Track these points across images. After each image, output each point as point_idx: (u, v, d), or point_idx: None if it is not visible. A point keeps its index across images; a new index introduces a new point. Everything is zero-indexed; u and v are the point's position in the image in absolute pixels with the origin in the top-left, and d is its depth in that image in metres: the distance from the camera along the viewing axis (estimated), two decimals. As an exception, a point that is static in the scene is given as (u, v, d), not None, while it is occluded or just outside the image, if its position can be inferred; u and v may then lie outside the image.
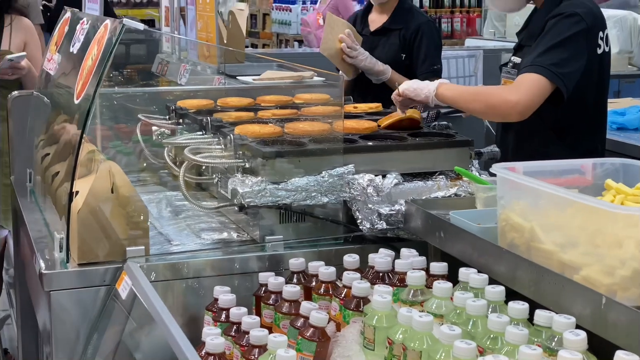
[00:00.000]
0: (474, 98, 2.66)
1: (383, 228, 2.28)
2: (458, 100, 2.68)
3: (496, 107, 2.60)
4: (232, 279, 2.21)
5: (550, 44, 2.60)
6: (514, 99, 2.54)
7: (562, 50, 2.59)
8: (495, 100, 2.60)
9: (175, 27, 4.62)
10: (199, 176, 2.65)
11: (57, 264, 2.16)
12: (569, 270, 1.67)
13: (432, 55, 3.69)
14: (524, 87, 2.55)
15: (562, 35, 2.60)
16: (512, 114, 2.57)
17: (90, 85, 2.15)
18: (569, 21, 2.62)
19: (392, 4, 3.74)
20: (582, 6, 2.68)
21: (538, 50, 2.61)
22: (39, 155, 2.84)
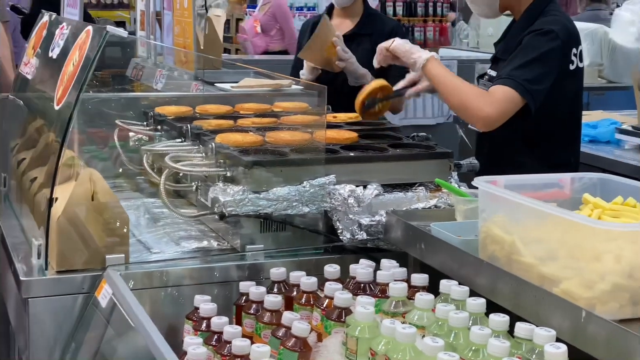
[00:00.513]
0: (453, 89, 2.70)
1: (363, 238, 2.29)
2: (441, 82, 2.72)
3: (469, 110, 2.66)
4: (212, 287, 2.21)
5: (526, 59, 2.66)
6: (486, 111, 2.61)
7: (536, 67, 2.65)
8: (470, 104, 2.65)
9: (151, 32, 4.60)
10: (177, 183, 2.65)
11: (35, 270, 2.14)
12: (549, 283, 1.70)
13: None
14: (497, 100, 2.61)
15: (538, 51, 2.67)
16: (478, 123, 2.67)
17: (72, 92, 2.14)
18: (545, 38, 2.69)
19: (358, 9, 3.74)
20: (558, 23, 2.75)
21: (514, 64, 2.67)
22: (14, 160, 2.81)
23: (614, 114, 4.83)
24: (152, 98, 3.47)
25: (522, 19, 2.84)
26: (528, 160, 2.80)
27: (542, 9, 2.82)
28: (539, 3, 2.84)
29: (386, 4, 10.74)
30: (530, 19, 2.80)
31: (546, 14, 2.80)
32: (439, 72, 2.72)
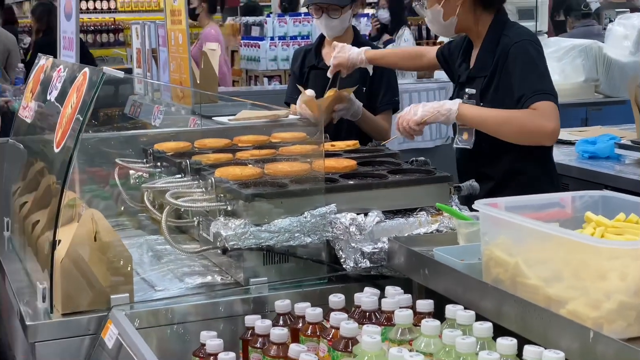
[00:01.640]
0: (505, 121, 2.76)
1: (367, 266, 2.29)
2: (486, 121, 2.78)
3: (533, 132, 2.73)
4: (217, 322, 2.20)
5: (537, 72, 2.79)
6: (551, 126, 2.70)
7: (545, 75, 2.81)
8: (532, 126, 2.72)
9: (148, 69, 4.63)
10: (179, 219, 2.65)
11: (41, 314, 2.14)
12: (555, 304, 1.69)
13: (392, 87, 3.74)
14: (552, 115, 2.72)
15: (537, 61, 2.82)
16: (547, 139, 2.77)
17: (71, 134, 2.15)
18: (532, 47, 2.83)
19: (347, 39, 3.77)
20: (526, 33, 2.92)
21: (532, 79, 2.77)
22: (16, 204, 2.82)
23: (612, 129, 4.84)
24: (151, 135, 3.48)
25: (488, 38, 2.94)
26: (527, 167, 2.90)
27: (503, 26, 2.94)
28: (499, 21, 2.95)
29: None
30: (495, 36, 2.91)
31: (510, 29, 2.92)
32: (477, 114, 2.80)
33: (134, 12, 13.19)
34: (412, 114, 2.79)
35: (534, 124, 2.72)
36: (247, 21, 10.20)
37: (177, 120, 4.08)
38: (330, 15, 3.68)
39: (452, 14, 2.92)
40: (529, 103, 2.73)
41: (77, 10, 2.49)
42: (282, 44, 9.83)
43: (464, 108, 2.78)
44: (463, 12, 2.92)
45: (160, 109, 4.23)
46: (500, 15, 2.97)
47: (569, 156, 4.31)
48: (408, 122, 2.79)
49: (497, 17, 2.96)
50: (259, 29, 9.96)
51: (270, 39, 9.52)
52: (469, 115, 2.78)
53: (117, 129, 4.22)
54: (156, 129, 3.82)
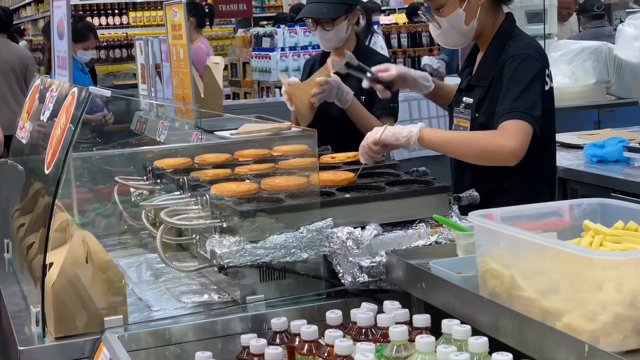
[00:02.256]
0: (465, 144, 2.71)
1: (365, 281, 2.25)
2: (445, 145, 2.73)
3: (493, 153, 2.66)
4: (215, 342, 2.17)
5: (520, 88, 2.69)
6: (510, 145, 2.61)
7: (530, 94, 2.70)
8: (492, 146, 2.65)
9: (152, 84, 4.62)
10: (180, 236, 2.62)
11: (35, 338, 2.11)
12: (551, 317, 1.65)
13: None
14: (515, 134, 2.63)
15: (526, 79, 2.71)
16: (508, 159, 2.65)
17: (60, 155, 2.13)
18: (526, 64, 2.74)
19: (349, 48, 3.74)
20: (531, 47, 2.81)
21: (511, 96, 2.69)
22: (15, 225, 2.80)
23: (621, 132, 4.77)
24: (152, 151, 3.46)
25: (492, 44, 2.88)
26: (512, 184, 2.81)
27: (509, 34, 2.87)
28: (506, 29, 2.88)
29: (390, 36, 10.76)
30: (500, 45, 2.84)
31: (515, 39, 2.85)
32: (436, 137, 2.72)
33: (146, 27, 13.22)
34: (374, 133, 2.70)
35: (494, 143, 2.65)
36: (257, 32, 10.19)
37: (182, 135, 4.06)
38: (324, 27, 3.66)
39: (474, 16, 2.84)
40: (501, 121, 2.67)
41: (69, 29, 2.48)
42: (292, 54, 9.82)
43: (425, 132, 2.67)
44: (483, 13, 2.85)
45: (165, 125, 4.22)
46: (508, 21, 2.89)
47: (578, 160, 4.25)
48: (368, 141, 2.70)
49: (505, 22, 2.89)
50: (270, 39, 9.95)
51: (280, 49, 9.51)
52: (429, 140, 2.69)
53: (122, 145, 4.22)
54: (158, 145, 3.80)
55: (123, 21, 13.73)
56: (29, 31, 17.29)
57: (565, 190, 4.15)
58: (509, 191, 2.74)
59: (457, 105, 2.93)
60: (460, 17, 2.83)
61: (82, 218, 3.10)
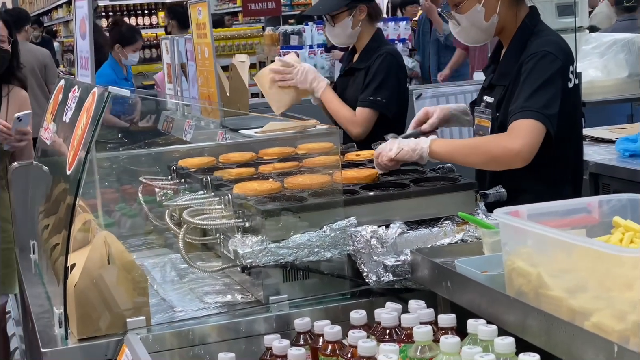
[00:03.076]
0: (472, 151, 2.64)
1: (390, 280, 2.21)
2: (454, 155, 2.66)
3: (499, 157, 2.58)
4: (239, 343, 2.15)
5: (535, 86, 2.60)
6: (516, 147, 2.53)
7: (546, 92, 2.60)
8: (497, 150, 2.57)
9: (178, 83, 4.62)
10: (204, 236, 2.60)
11: (58, 340, 2.10)
12: (580, 317, 1.60)
13: (376, 86, 3.60)
14: (522, 134, 2.54)
15: (543, 76, 2.62)
16: (516, 161, 2.56)
17: (80, 155, 2.12)
18: (545, 61, 2.64)
19: (363, 44, 3.71)
20: (553, 43, 2.70)
21: (524, 94, 2.60)
22: (40, 227, 2.81)
23: (656, 125, 4.68)
24: (177, 150, 3.45)
25: (514, 41, 2.79)
26: (532, 184, 2.71)
27: (532, 30, 2.77)
28: (528, 24, 2.79)
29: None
30: (522, 41, 2.75)
31: (538, 35, 2.75)
32: (447, 148, 2.65)
33: (176, 27, 13.25)
34: (388, 150, 2.64)
35: (499, 147, 2.57)
36: (285, 30, 10.17)
37: (207, 134, 4.05)
38: (330, 23, 3.64)
39: (493, 12, 2.76)
40: (511, 121, 2.59)
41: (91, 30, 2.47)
42: (320, 51, 9.78)
43: (435, 146, 2.62)
44: (503, 8, 2.76)
45: (191, 124, 4.21)
46: (530, 16, 2.80)
47: (610, 155, 4.16)
48: (383, 160, 2.64)
49: (529, 17, 2.79)
50: (298, 37, 9.92)
51: (309, 47, 9.48)
52: (439, 152, 2.63)
53: (148, 145, 4.22)
54: (183, 145, 3.79)
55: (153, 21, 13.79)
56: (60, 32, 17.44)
57: (597, 186, 4.07)
58: (528, 191, 2.64)
59: (478, 104, 2.86)
60: (479, 13, 2.76)
61: (108, 218, 3.10)
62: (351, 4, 3.63)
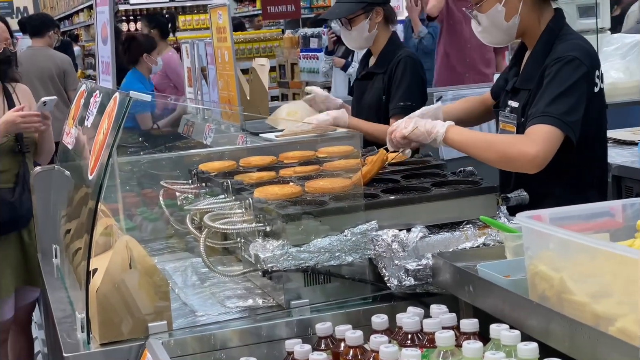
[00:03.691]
0: (487, 147, 2.61)
1: (411, 284, 2.21)
2: (468, 146, 2.64)
3: (513, 159, 2.56)
4: (260, 347, 2.15)
5: (557, 92, 2.57)
6: (532, 152, 2.50)
7: (568, 98, 2.57)
8: (513, 152, 2.55)
9: (198, 87, 4.63)
10: (225, 240, 2.60)
11: (80, 345, 2.11)
12: (604, 322, 1.59)
13: (406, 92, 3.60)
14: (540, 139, 2.52)
15: (567, 82, 2.58)
16: (530, 166, 2.54)
17: (102, 160, 2.13)
18: (570, 67, 2.60)
19: (379, 47, 3.70)
20: (579, 48, 2.66)
21: (546, 100, 2.57)
22: (62, 231, 2.82)
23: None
24: (198, 154, 3.46)
25: (539, 45, 2.75)
26: (556, 189, 2.69)
27: (557, 34, 2.73)
28: (554, 28, 2.75)
29: None
30: (547, 45, 2.71)
31: (563, 39, 2.71)
32: (462, 137, 2.64)
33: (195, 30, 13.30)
34: (403, 127, 2.64)
35: (515, 149, 2.54)
36: (305, 33, 10.18)
37: (228, 138, 4.06)
38: (346, 27, 3.63)
39: (515, 12, 2.73)
40: (529, 125, 2.56)
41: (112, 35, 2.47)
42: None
43: (451, 133, 2.60)
44: (526, 9, 2.73)
45: (211, 127, 4.22)
46: (556, 19, 2.77)
47: (633, 157, 4.13)
48: (395, 135, 2.64)
49: (554, 19, 2.76)
50: (317, 40, 9.93)
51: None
52: (454, 140, 2.62)
53: (169, 149, 4.23)
54: (203, 149, 3.81)
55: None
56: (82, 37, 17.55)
57: (619, 188, 4.04)
58: (553, 195, 2.62)
59: (502, 108, 2.84)
60: (499, 13, 2.73)
61: (129, 222, 3.11)
62: (367, 7, 3.63)
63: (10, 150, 3.88)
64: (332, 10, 3.74)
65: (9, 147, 3.87)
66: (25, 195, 3.67)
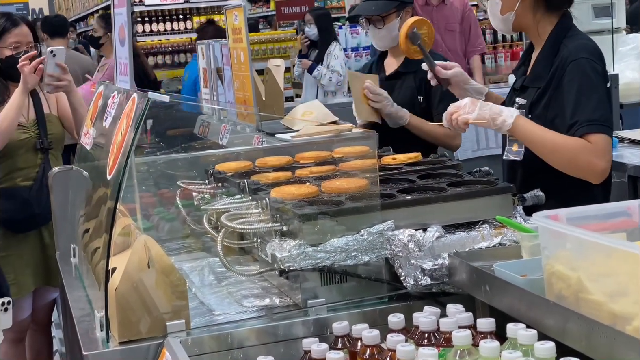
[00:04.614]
0: (554, 149, 2.62)
1: (427, 284, 2.21)
2: (535, 142, 2.64)
3: (581, 168, 2.61)
4: (277, 346, 2.16)
5: (592, 96, 2.62)
6: (602, 165, 2.58)
7: (601, 100, 2.64)
8: (583, 161, 2.59)
9: (214, 88, 4.64)
10: (242, 240, 2.62)
11: (99, 343, 2.13)
12: (621, 321, 1.59)
13: (449, 94, 3.61)
14: (605, 151, 2.59)
15: (594, 83, 2.64)
16: (596, 177, 2.62)
17: (121, 161, 2.15)
18: (590, 67, 2.66)
19: None
20: (589, 48, 2.72)
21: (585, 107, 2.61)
22: (80, 231, 2.84)
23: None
24: (214, 155, 3.47)
25: (547, 46, 2.80)
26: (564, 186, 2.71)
27: (565, 34, 2.78)
28: (561, 29, 2.80)
29: None
30: (555, 45, 2.76)
31: (571, 39, 2.76)
32: (528, 132, 2.64)
33: (210, 32, 13.32)
34: (467, 112, 2.64)
35: (585, 159, 2.58)
36: (319, 34, 10.17)
37: (243, 138, 4.07)
38: (376, 25, 3.63)
39: (511, 9, 2.78)
40: (583, 132, 2.58)
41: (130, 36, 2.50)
42: (355, 54, 9.78)
43: (519, 123, 2.62)
44: (522, 10, 2.78)
45: (227, 128, 4.23)
46: (565, 20, 2.81)
47: (647, 158, 4.13)
48: (458, 118, 2.66)
49: (561, 23, 2.80)
50: (333, 41, 9.91)
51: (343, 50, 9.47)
52: (522, 132, 2.63)
53: (185, 149, 4.25)
54: (220, 149, 3.82)
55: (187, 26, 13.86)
56: (96, 38, 17.60)
57: (635, 188, 4.03)
58: (561, 192, 2.64)
59: (509, 105, 2.85)
60: (497, 5, 2.81)
61: (147, 222, 3.13)
62: (400, 5, 3.65)
63: (32, 147, 3.86)
64: (365, 8, 3.72)
65: (31, 144, 3.86)
66: (44, 193, 3.65)
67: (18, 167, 3.83)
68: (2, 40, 3.85)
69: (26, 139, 3.83)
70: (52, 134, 3.93)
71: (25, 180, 3.83)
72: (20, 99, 3.72)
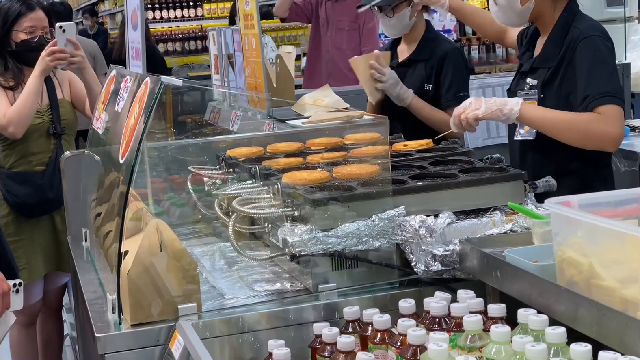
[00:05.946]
0: (567, 126, 2.67)
1: (438, 269, 2.22)
2: (545, 125, 2.69)
3: (598, 138, 2.65)
4: (288, 330, 2.17)
5: (605, 70, 2.68)
6: (615, 133, 2.62)
7: (613, 74, 2.70)
8: (598, 132, 2.63)
9: (225, 74, 4.65)
10: (252, 225, 2.63)
11: (111, 325, 2.15)
12: (632, 307, 1.59)
13: (457, 83, 3.61)
14: (617, 120, 2.63)
15: (605, 58, 2.70)
16: (610, 145, 2.68)
17: (133, 144, 2.15)
18: (601, 43, 2.72)
19: (417, 35, 3.70)
20: (598, 27, 2.79)
21: (597, 80, 2.66)
22: (92, 215, 2.85)
23: None
24: (225, 140, 3.48)
25: (555, 30, 2.83)
26: (577, 167, 2.78)
27: (573, 18, 2.82)
28: (570, 13, 2.84)
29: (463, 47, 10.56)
30: (564, 27, 2.80)
31: (580, 21, 2.81)
32: (537, 115, 2.70)
33: (220, 19, 13.30)
34: (475, 109, 2.70)
35: (599, 130, 2.63)
36: (330, 21, 10.15)
37: (254, 124, 4.07)
38: (386, 14, 3.63)
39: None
40: (594, 105, 2.63)
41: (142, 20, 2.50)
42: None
43: (525, 109, 2.68)
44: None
45: (238, 114, 4.23)
46: (572, 4, 2.86)
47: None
48: (467, 116, 2.69)
49: (569, 6, 2.85)
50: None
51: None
52: (530, 117, 2.69)
53: (196, 135, 4.25)
54: (230, 135, 3.83)
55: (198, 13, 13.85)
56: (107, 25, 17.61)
57: (648, 177, 4.02)
58: (573, 173, 2.72)
59: (520, 88, 2.87)
60: None
61: (158, 207, 3.14)
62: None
63: (45, 132, 3.87)
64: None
65: (45, 129, 3.87)
66: (57, 179, 3.66)
67: (31, 152, 3.84)
68: (17, 24, 3.84)
69: (39, 124, 3.84)
70: (65, 119, 3.94)
71: (38, 165, 3.84)
72: (37, 84, 3.72)
